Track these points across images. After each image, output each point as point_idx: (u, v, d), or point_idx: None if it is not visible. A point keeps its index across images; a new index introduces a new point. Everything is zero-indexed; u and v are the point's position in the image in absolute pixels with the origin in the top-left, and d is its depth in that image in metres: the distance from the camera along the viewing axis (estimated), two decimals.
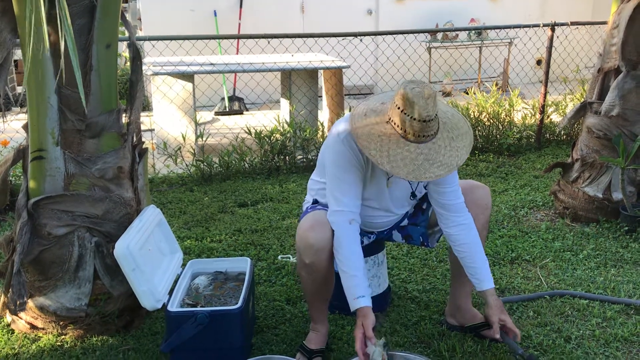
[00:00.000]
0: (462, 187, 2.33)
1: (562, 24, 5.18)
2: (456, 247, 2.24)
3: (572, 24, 5.30)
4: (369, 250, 2.47)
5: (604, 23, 3.78)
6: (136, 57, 2.48)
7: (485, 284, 2.21)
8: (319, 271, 2.17)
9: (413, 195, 2.31)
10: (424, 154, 1.94)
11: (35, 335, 2.44)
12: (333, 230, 2.16)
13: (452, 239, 2.24)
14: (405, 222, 2.43)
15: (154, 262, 2.36)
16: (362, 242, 2.34)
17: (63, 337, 2.43)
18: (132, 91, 2.46)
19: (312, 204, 2.37)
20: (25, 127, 2.38)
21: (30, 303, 2.42)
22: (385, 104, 2.04)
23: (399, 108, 1.93)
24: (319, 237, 2.12)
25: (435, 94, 1.92)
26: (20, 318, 2.46)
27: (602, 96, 3.51)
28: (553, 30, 5.04)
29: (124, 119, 2.46)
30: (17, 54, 2.68)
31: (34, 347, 2.38)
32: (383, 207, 2.30)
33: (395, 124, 1.95)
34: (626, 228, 3.33)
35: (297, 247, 2.19)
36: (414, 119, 1.90)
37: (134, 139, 2.52)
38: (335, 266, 2.34)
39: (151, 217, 2.45)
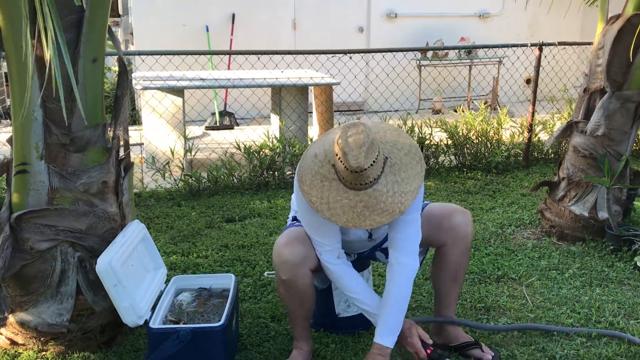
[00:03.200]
0: (440, 212, 2.28)
1: (550, 44, 5.24)
2: (386, 284, 2.16)
3: (560, 44, 5.37)
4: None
5: (591, 43, 3.83)
6: (123, 72, 2.48)
7: (378, 337, 2.11)
8: (297, 287, 2.17)
9: (370, 236, 2.28)
10: (363, 202, 1.88)
11: (16, 351, 2.41)
12: (310, 246, 2.17)
13: (387, 273, 2.17)
14: (387, 244, 2.41)
15: (136, 277, 2.34)
16: None
17: (44, 353, 2.39)
18: (118, 105, 2.45)
19: (292, 220, 2.37)
20: (9, 140, 2.36)
21: (11, 318, 2.38)
22: (329, 144, 1.98)
23: (336, 154, 1.89)
24: (294, 252, 2.13)
25: (371, 141, 1.84)
26: (0, 334, 2.42)
27: (587, 116, 3.54)
28: (541, 50, 5.09)
29: (110, 133, 2.46)
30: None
31: None
32: (355, 238, 2.28)
33: (336, 168, 1.91)
34: (612, 247, 3.34)
35: (274, 264, 2.21)
36: (347, 169, 1.86)
37: (119, 153, 2.51)
38: (318, 282, 2.33)
39: (135, 232, 2.43)
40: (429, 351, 2.16)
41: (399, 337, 2.14)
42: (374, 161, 1.86)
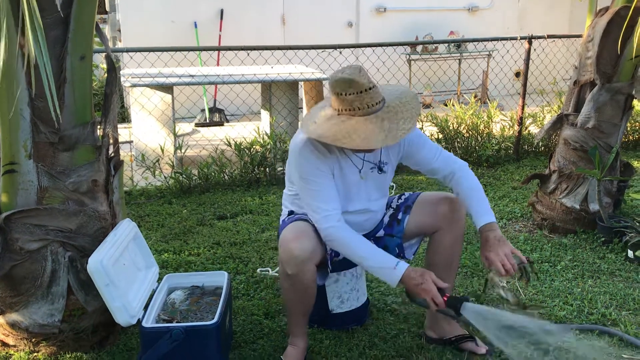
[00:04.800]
0: (434, 198, 2.35)
1: (539, 37, 5.25)
2: (457, 196, 2.31)
3: (549, 37, 5.38)
4: (346, 264, 2.46)
5: (580, 36, 3.84)
6: (111, 69, 2.45)
7: (481, 219, 2.19)
8: (302, 282, 2.16)
9: (380, 169, 2.29)
10: (386, 119, 2.00)
11: (7, 353, 2.38)
12: (316, 240, 2.16)
13: (453, 192, 2.32)
14: (382, 232, 2.42)
15: (128, 277, 2.32)
16: (338, 254, 2.34)
17: (35, 354, 2.37)
18: (107, 103, 2.43)
19: (288, 215, 2.36)
20: None
21: (1, 320, 2.36)
22: (324, 107, 2.11)
23: (341, 94, 1.99)
24: (303, 247, 2.12)
25: (361, 67, 2.01)
26: None
27: (578, 108, 3.55)
28: (530, 43, 5.10)
29: (99, 131, 2.43)
30: None
31: None
32: (359, 207, 2.28)
33: (345, 110, 2.01)
34: (603, 239, 3.36)
35: (281, 259, 2.17)
36: (361, 92, 1.97)
37: (109, 151, 2.48)
38: (317, 279, 2.31)
39: (126, 231, 2.41)
40: (445, 298, 2.03)
41: (412, 283, 2.03)
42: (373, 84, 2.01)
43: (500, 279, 2.11)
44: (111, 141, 2.48)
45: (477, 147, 5.12)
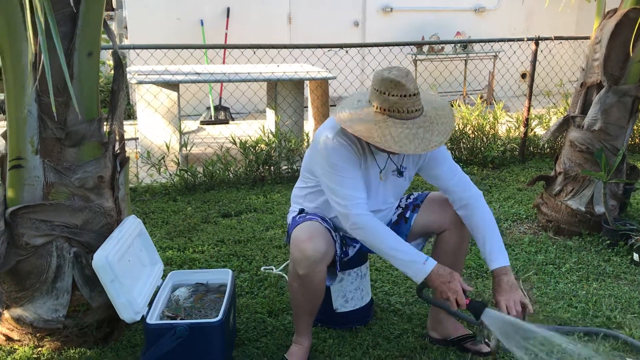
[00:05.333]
0: (443, 197, 2.33)
1: (546, 39, 5.23)
2: (468, 227, 2.28)
3: (556, 38, 5.36)
4: (351, 263, 2.46)
5: (587, 38, 3.83)
6: (118, 66, 2.45)
7: (495, 262, 2.16)
8: (312, 282, 2.16)
9: (399, 173, 2.29)
10: (422, 127, 2.01)
11: (11, 347, 2.39)
12: (329, 241, 2.15)
13: (463, 220, 2.28)
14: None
15: (133, 273, 2.32)
16: (347, 254, 2.33)
17: (40, 349, 2.38)
18: (114, 100, 2.43)
19: (299, 213, 2.34)
20: (4, 135, 2.34)
21: (7, 314, 2.37)
22: (361, 101, 2.10)
23: (384, 93, 1.99)
24: (317, 247, 2.11)
25: (409, 71, 2.03)
26: None
27: (584, 110, 3.54)
28: (537, 44, 5.09)
29: (106, 127, 2.44)
30: None
31: (9, 359, 2.33)
32: (373, 208, 2.26)
33: (384, 109, 2.01)
34: (608, 242, 3.35)
35: (293, 258, 2.16)
36: (405, 96, 1.97)
37: (115, 148, 2.49)
38: (326, 280, 2.31)
39: (131, 227, 2.41)
40: (467, 301, 2.05)
41: (439, 280, 2.04)
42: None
43: None
44: (117, 138, 2.49)
45: (482, 148, 5.11)
